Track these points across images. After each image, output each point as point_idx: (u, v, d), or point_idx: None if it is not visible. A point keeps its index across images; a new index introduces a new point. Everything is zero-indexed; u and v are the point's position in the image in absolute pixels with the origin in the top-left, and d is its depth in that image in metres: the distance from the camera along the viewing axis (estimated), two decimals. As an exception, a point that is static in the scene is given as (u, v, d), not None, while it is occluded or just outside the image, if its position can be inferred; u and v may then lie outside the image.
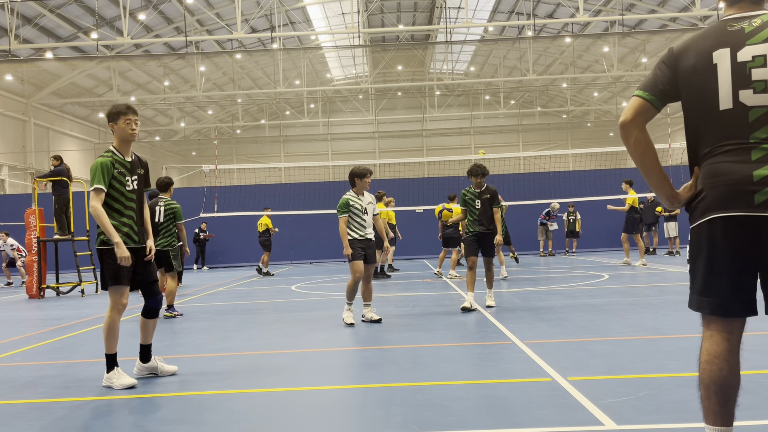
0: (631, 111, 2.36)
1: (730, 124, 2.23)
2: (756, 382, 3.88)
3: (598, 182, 20.76)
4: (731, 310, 2.25)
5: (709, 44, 2.27)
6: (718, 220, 2.22)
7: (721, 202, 2.21)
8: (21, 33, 24.73)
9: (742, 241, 2.20)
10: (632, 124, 2.35)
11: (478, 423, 3.34)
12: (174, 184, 8.84)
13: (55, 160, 13.10)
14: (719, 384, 2.25)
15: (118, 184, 4.57)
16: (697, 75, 2.28)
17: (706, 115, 2.28)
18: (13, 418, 3.85)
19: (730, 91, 2.22)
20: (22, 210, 15.13)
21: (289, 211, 19.27)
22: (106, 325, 4.56)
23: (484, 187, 8.12)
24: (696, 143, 2.35)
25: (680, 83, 2.34)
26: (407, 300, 9.43)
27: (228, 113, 44.57)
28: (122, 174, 4.59)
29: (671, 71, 2.35)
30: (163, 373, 4.81)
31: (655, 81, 2.37)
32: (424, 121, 45.28)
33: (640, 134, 2.35)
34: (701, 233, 2.29)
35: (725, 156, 2.23)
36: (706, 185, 2.27)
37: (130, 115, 4.66)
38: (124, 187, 4.60)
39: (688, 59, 2.31)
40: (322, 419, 3.59)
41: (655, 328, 6.05)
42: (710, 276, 2.27)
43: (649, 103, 2.35)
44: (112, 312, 4.56)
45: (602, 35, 30.75)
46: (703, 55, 2.27)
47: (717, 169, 2.25)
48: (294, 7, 30.30)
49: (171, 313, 8.48)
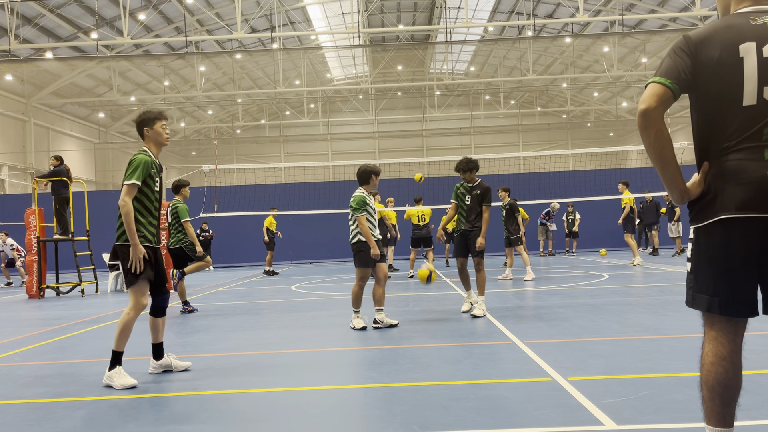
0: (654, 99, 2.20)
1: (750, 121, 2.17)
2: (756, 382, 3.88)
3: (598, 182, 20.77)
4: (740, 310, 2.22)
5: (734, 36, 2.19)
6: (734, 221, 2.16)
7: (737, 203, 2.15)
8: (21, 33, 24.73)
9: (753, 243, 2.16)
10: (656, 113, 2.20)
11: (478, 423, 3.34)
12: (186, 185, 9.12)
13: (55, 160, 13.11)
14: (724, 386, 2.22)
15: (151, 182, 4.68)
16: (723, 67, 2.18)
17: (727, 109, 2.20)
18: (13, 418, 3.85)
19: (755, 86, 2.15)
20: (22, 210, 15.16)
21: (289, 211, 19.26)
22: (122, 323, 4.55)
23: (477, 183, 7.70)
24: (710, 138, 2.26)
25: (701, 73, 2.22)
26: (407, 300, 9.43)
27: (228, 113, 44.57)
28: (155, 174, 4.71)
29: (691, 60, 2.23)
30: (176, 368, 4.88)
31: (677, 69, 2.23)
32: (424, 121, 45.28)
33: (662, 125, 2.22)
34: (713, 233, 2.23)
35: (741, 154, 2.17)
36: (720, 183, 2.21)
37: (165, 121, 4.80)
38: (154, 188, 4.71)
39: (711, 50, 2.20)
40: (322, 419, 3.59)
41: (655, 328, 6.05)
42: (722, 276, 2.22)
43: (671, 92, 2.22)
44: (131, 310, 4.58)
45: (602, 35, 30.75)
46: (730, 47, 2.18)
47: (733, 167, 2.18)
48: (294, 7, 30.29)
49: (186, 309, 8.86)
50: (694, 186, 2.30)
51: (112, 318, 8.72)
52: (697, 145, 2.33)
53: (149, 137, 4.78)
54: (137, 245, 4.50)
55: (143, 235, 4.62)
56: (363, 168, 6.96)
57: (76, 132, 36.96)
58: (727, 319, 2.25)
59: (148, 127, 4.75)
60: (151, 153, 4.76)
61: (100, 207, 19.22)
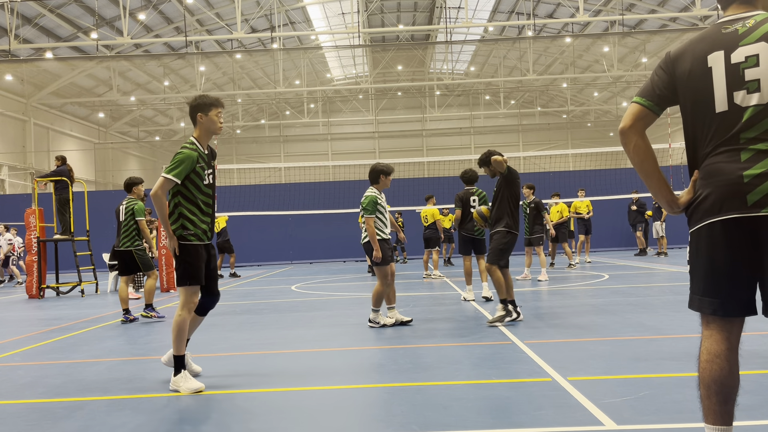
0: (630, 118, 2.40)
1: (726, 126, 2.25)
2: (756, 382, 3.88)
3: (598, 182, 20.77)
4: (731, 310, 2.27)
5: (704, 48, 2.30)
6: (717, 223, 2.25)
7: (718, 205, 2.24)
8: (21, 33, 24.72)
9: (740, 243, 2.22)
10: (631, 130, 2.39)
11: (478, 423, 3.34)
12: (138, 183, 8.57)
13: (58, 160, 13.14)
14: (719, 383, 2.26)
15: (197, 178, 4.41)
16: (693, 79, 2.31)
17: (702, 118, 2.31)
18: (13, 418, 3.85)
19: (725, 93, 2.25)
20: (22, 210, 15.15)
21: (289, 211, 19.27)
22: (177, 324, 4.38)
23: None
24: (694, 147, 2.37)
25: (678, 87, 2.36)
26: (407, 300, 9.43)
27: (228, 113, 44.51)
28: (202, 168, 4.43)
29: (669, 76, 2.38)
30: (191, 371, 4.68)
31: (652, 87, 2.41)
32: (424, 121, 45.27)
33: (639, 140, 2.39)
34: (701, 236, 2.32)
35: (719, 157, 2.26)
36: (703, 188, 2.30)
37: (221, 109, 4.53)
38: (202, 182, 4.45)
39: (684, 63, 2.34)
40: (322, 419, 3.59)
41: (655, 328, 6.05)
42: (710, 277, 2.30)
43: (647, 109, 2.39)
44: (182, 310, 4.39)
45: (602, 35, 30.74)
46: (699, 59, 2.30)
47: (711, 170, 2.28)
48: (294, 7, 30.29)
49: (148, 314, 8.24)
50: (684, 195, 2.40)
51: (112, 318, 8.72)
52: (687, 153, 2.45)
53: (201, 124, 4.49)
54: (172, 236, 4.36)
55: (194, 233, 4.41)
56: (373, 167, 6.93)
57: (76, 132, 36.95)
58: (720, 318, 2.30)
59: (203, 113, 4.46)
60: (200, 143, 4.49)
61: (100, 207, 19.21)
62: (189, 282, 4.40)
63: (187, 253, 4.39)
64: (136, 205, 8.30)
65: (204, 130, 4.51)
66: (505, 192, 6.92)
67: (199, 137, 4.51)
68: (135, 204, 8.32)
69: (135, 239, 8.30)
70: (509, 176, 6.87)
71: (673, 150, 18.97)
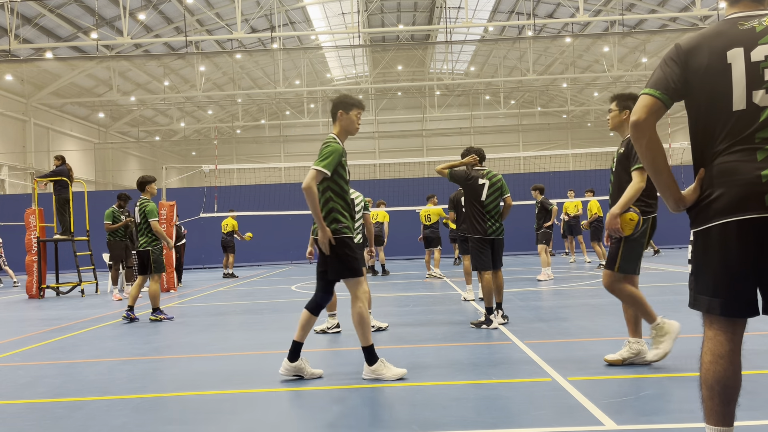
0: (644, 110, 2.28)
1: (742, 125, 2.20)
2: (756, 382, 3.88)
3: (598, 182, 20.75)
4: (739, 311, 2.25)
5: (723, 43, 2.23)
6: (732, 223, 2.19)
7: (735, 205, 2.18)
8: (21, 33, 24.72)
9: (753, 243, 2.18)
10: (646, 124, 2.28)
11: (478, 423, 3.34)
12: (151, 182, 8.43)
13: (57, 160, 13.14)
14: (723, 384, 2.24)
15: (343, 171, 4.44)
16: (711, 74, 2.23)
17: (718, 115, 2.24)
18: (13, 418, 3.85)
19: (744, 91, 2.19)
20: (22, 210, 15.14)
21: (289, 211, 19.25)
22: (359, 316, 4.33)
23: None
24: (704, 144, 2.30)
25: (691, 82, 2.28)
26: (407, 300, 9.43)
27: (228, 113, 44.57)
28: (345, 163, 4.47)
29: (681, 69, 2.29)
30: (311, 376, 4.50)
31: (666, 79, 2.30)
32: (424, 121, 45.28)
33: (653, 135, 2.29)
34: (712, 235, 2.25)
35: (734, 156, 2.20)
36: (714, 186, 2.24)
37: (362, 110, 4.58)
38: (346, 177, 4.49)
39: (700, 58, 2.25)
40: (322, 419, 3.59)
41: (655, 328, 6.03)
42: (720, 278, 2.25)
43: (661, 102, 2.29)
44: (359, 302, 4.36)
45: (602, 35, 30.74)
46: (718, 54, 2.22)
47: (725, 169, 2.21)
48: (294, 7, 30.29)
49: (157, 317, 8.22)
50: (689, 193, 2.33)
51: (112, 318, 8.72)
52: (693, 151, 2.37)
53: (341, 121, 4.50)
54: (325, 228, 4.29)
55: (347, 225, 4.39)
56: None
57: (76, 132, 36.95)
58: (725, 319, 2.27)
59: (344, 111, 4.48)
60: (339, 140, 4.51)
61: (100, 207, 19.18)
62: (356, 274, 4.38)
63: (345, 245, 4.38)
64: (148, 207, 8.25)
65: (343, 128, 4.54)
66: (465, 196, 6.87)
67: (338, 134, 4.55)
68: (147, 205, 8.26)
69: (153, 240, 8.28)
70: (456, 181, 6.80)
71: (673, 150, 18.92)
